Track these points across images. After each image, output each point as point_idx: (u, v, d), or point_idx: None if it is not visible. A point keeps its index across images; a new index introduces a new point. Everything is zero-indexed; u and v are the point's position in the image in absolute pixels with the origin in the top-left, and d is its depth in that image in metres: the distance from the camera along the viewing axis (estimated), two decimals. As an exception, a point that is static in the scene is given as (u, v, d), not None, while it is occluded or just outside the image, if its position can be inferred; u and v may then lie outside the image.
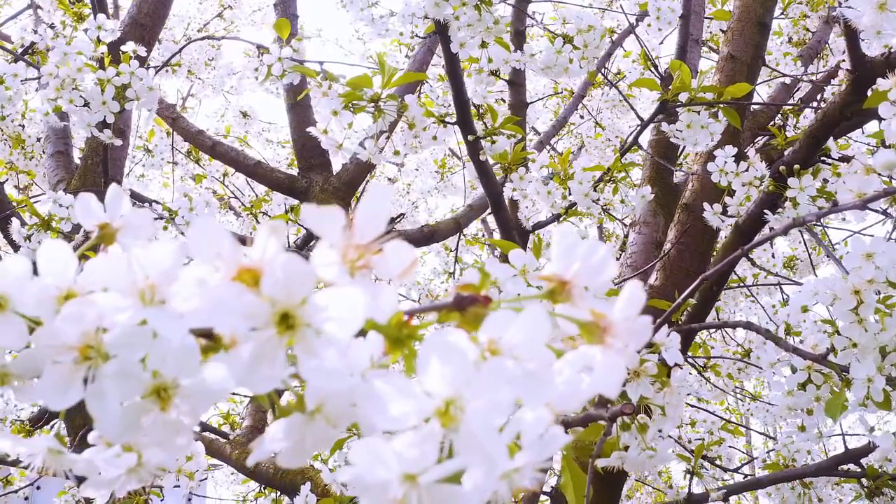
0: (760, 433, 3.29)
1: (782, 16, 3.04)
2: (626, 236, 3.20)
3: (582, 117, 4.85)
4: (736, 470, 2.93)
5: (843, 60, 2.39)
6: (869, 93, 1.53)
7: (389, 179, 5.75)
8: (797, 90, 2.98)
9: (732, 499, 3.08)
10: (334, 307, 0.33)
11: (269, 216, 3.79)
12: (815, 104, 2.73)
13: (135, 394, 0.38)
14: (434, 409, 0.33)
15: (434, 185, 4.73)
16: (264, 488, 3.66)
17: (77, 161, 2.73)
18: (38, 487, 4.14)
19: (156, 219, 2.24)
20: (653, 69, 2.63)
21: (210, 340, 0.39)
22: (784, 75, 2.62)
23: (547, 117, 5.06)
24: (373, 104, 1.49)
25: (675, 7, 2.40)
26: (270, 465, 3.14)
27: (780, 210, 1.67)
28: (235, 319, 0.33)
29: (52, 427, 3.20)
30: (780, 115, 2.76)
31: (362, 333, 0.39)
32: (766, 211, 1.65)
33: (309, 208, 0.34)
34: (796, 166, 1.62)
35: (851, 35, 1.50)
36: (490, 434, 0.33)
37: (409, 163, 5.66)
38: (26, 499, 3.93)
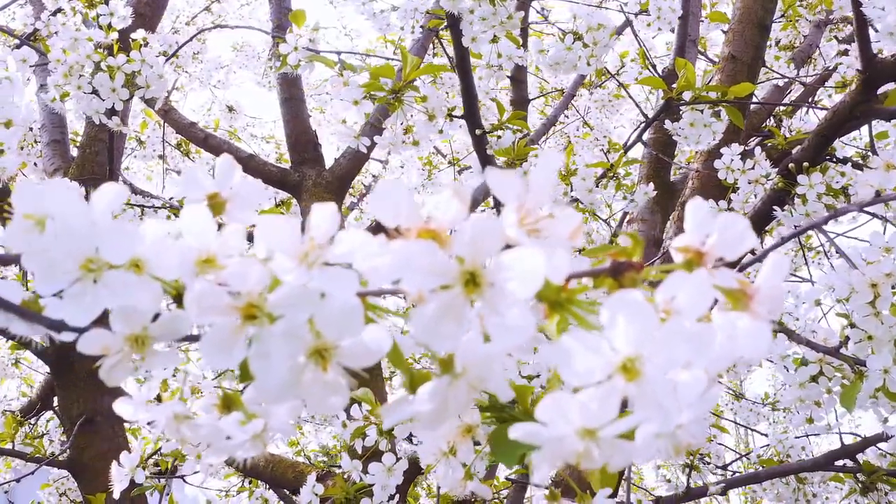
0: (753, 429, 3.32)
1: (781, 18, 3.08)
2: (615, 234, 3.22)
3: (567, 117, 4.87)
4: (724, 467, 2.97)
5: (840, 63, 2.43)
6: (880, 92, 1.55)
7: (374, 176, 5.75)
8: (789, 92, 3.02)
9: (703, 500, 3.12)
10: (517, 267, 0.34)
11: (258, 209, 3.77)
12: (806, 106, 2.77)
13: (298, 354, 0.38)
14: (617, 365, 0.34)
15: (421, 182, 4.74)
16: (249, 482, 3.65)
17: (73, 150, 2.71)
18: (17, 481, 4.10)
19: (158, 208, 2.23)
20: (651, 68, 2.65)
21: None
22: (782, 77, 2.66)
23: (533, 117, 5.09)
24: (393, 94, 1.49)
25: (675, 7, 2.42)
26: (261, 459, 3.14)
27: (787, 206, 1.70)
28: (423, 277, 0.34)
29: (37, 418, 3.14)
30: (771, 117, 2.80)
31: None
32: (774, 207, 1.67)
33: (493, 172, 0.35)
34: (805, 164, 1.65)
35: (863, 36, 1.52)
36: (667, 390, 0.34)
37: (393, 160, 5.67)
38: (6, 492, 3.90)
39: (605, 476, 1.03)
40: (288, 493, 3.27)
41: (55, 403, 2.94)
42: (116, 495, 1.43)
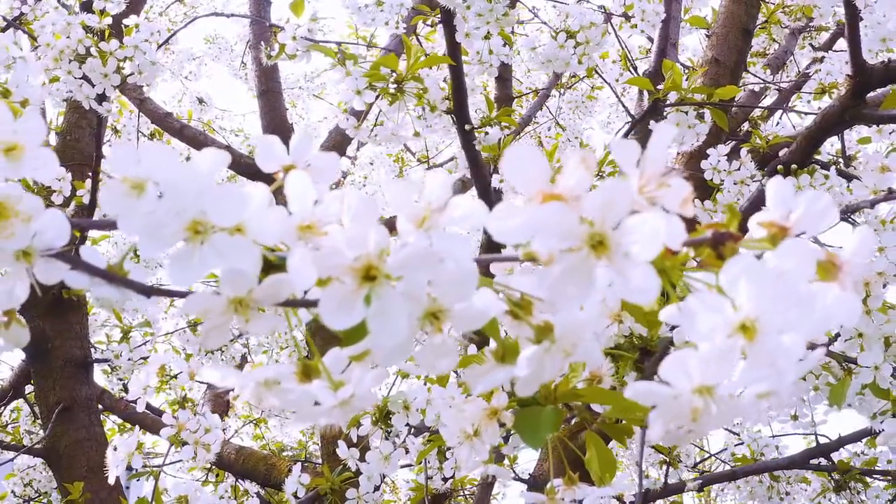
0: (727, 428, 3.37)
1: (765, 24, 3.14)
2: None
3: (536, 118, 4.90)
4: (694, 466, 3.01)
5: (819, 70, 2.48)
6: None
7: (343, 173, 5.74)
8: (764, 97, 3.07)
9: (659, 501, 3.17)
10: (641, 231, 0.36)
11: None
12: (783, 110, 2.82)
13: (415, 316, 0.40)
14: (737, 325, 0.36)
15: (392, 178, 4.75)
16: (216, 476, 3.63)
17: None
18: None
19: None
20: (632, 69, 2.69)
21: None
22: (763, 81, 2.70)
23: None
24: (395, 85, 1.50)
25: (659, 10, 2.46)
26: (232, 451, 3.13)
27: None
28: (554, 238, 0.36)
29: (4, 407, 3.10)
30: (747, 121, 2.85)
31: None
32: (763, 207, 1.71)
33: (618, 141, 0.36)
34: (793, 166, 1.68)
35: (854, 42, 1.56)
36: (782, 350, 0.36)
37: (363, 156, 5.66)
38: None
39: (605, 464, 1.05)
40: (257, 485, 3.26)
41: (27, 392, 2.91)
42: (112, 481, 1.43)
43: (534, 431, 0.78)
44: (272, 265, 0.46)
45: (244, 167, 3.31)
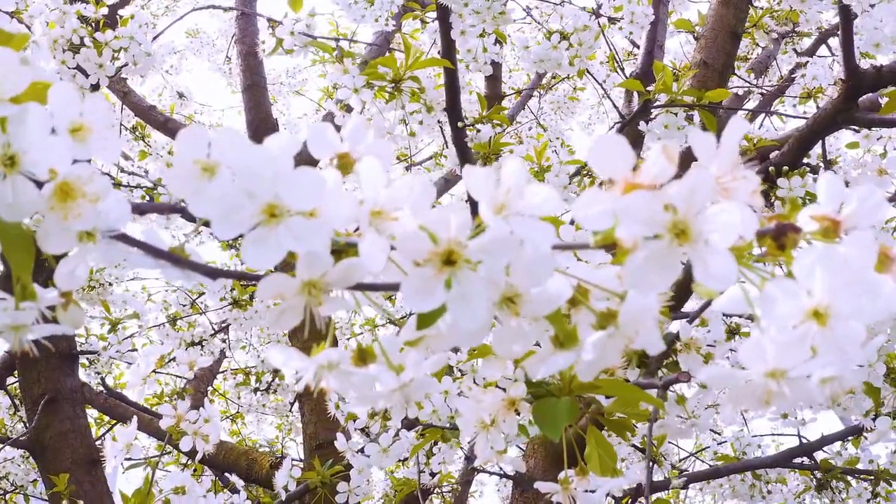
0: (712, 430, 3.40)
1: (750, 28, 3.17)
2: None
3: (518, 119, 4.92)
4: (674, 466, 3.04)
5: (805, 74, 2.51)
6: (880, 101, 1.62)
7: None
8: (748, 101, 3.11)
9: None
10: (720, 219, 0.37)
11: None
12: (766, 113, 2.86)
13: (493, 300, 0.41)
14: (810, 311, 0.38)
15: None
16: (194, 471, 3.62)
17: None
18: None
19: (135, 187, 2.21)
20: (620, 71, 2.71)
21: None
22: (750, 85, 2.74)
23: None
24: (393, 84, 1.51)
25: (648, 12, 2.48)
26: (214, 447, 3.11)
27: (767, 208, 1.76)
28: (639, 225, 0.37)
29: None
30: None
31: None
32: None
33: (696, 133, 0.38)
34: (785, 168, 1.71)
35: (848, 47, 1.59)
36: (852, 336, 0.38)
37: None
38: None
39: (604, 459, 1.06)
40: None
41: (8, 383, 2.89)
42: (109, 470, 1.43)
43: (552, 422, 0.79)
44: (333, 250, 0.47)
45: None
